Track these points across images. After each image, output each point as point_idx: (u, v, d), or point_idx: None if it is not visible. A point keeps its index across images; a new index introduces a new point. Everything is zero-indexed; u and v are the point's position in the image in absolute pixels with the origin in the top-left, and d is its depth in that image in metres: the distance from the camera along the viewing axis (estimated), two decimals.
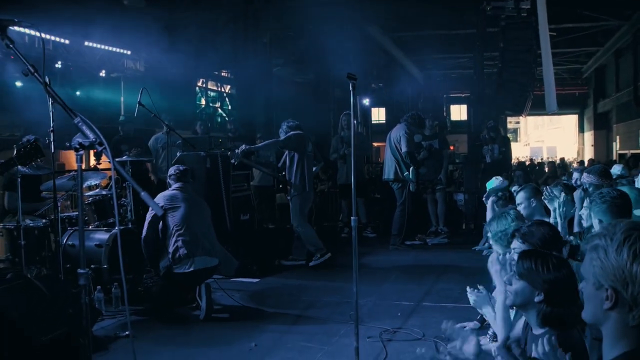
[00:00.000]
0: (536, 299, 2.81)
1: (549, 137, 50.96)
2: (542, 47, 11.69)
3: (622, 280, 1.62)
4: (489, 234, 4.28)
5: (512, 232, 3.62)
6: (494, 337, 4.73)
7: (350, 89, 4.36)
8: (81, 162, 2.65)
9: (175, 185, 6.21)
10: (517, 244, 3.50)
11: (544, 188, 5.27)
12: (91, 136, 2.60)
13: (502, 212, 4.28)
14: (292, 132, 8.23)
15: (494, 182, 6.41)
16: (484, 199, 6.38)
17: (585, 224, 4.34)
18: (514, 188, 6.40)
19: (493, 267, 4.06)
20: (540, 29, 11.49)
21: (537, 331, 2.85)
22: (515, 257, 3.34)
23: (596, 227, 3.91)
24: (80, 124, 2.63)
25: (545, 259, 2.86)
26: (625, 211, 3.91)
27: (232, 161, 7.93)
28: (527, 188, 5.46)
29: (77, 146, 2.62)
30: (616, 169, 7.07)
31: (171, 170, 6.36)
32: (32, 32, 9.47)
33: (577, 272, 3.72)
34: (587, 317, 1.77)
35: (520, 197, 5.36)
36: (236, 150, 7.85)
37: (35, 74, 2.87)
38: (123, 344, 4.93)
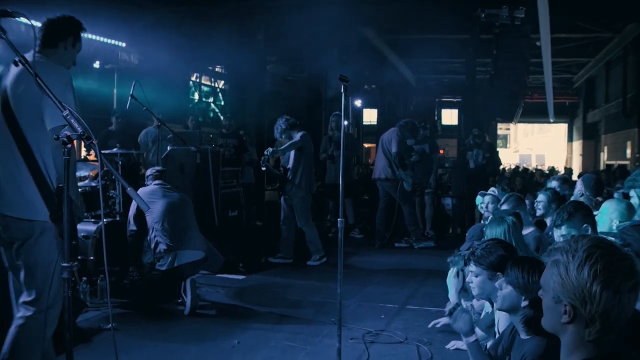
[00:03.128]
0: (522, 304, 2.86)
1: (538, 144, 51.20)
2: (544, 56, 11.74)
3: (581, 299, 1.66)
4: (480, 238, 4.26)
5: (467, 256, 3.53)
6: None
7: (342, 90, 4.38)
8: (68, 155, 2.64)
9: (154, 182, 6.23)
10: (472, 267, 3.42)
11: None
12: (79, 130, 2.60)
13: (499, 218, 4.24)
14: (303, 132, 8.26)
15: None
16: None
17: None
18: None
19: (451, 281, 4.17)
20: (542, 38, 11.52)
21: (524, 336, 2.88)
22: (472, 279, 3.40)
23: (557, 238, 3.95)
24: (69, 116, 2.63)
25: (533, 265, 2.90)
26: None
27: (263, 168, 8.03)
28: (511, 198, 5.47)
29: (65, 139, 2.62)
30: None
31: (148, 172, 6.40)
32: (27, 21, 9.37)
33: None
34: (545, 325, 1.82)
35: (505, 208, 5.36)
36: (265, 156, 7.88)
37: (27, 65, 2.86)
38: (106, 337, 4.91)
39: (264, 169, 8.04)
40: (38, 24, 3.47)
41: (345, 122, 5.16)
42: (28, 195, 3.17)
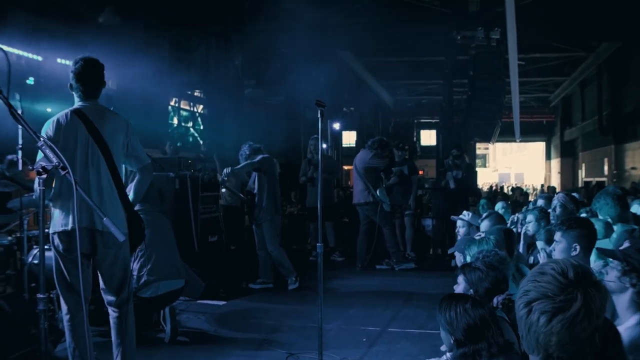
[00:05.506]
0: (451, 343, 2.91)
1: (516, 163, 51.70)
2: (511, 77, 11.89)
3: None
4: (467, 257, 4.28)
5: (462, 267, 3.61)
6: None
7: (319, 115, 4.40)
8: (44, 185, 2.62)
9: (136, 208, 6.11)
10: (460, 279, 3.51)
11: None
12: (54, 160, 2.59)
13: (484, 238, 4.29)
14: (264, 155, 8.23)
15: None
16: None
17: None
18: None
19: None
20: (510, 60, 11.68)
21: None
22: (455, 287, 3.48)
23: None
24: (43, 147, 2.61)
25: (450, 302, 2.96)
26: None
27: (223, 190, 7.95)
28: (492, 216, 5.50)
29: (40, 170, 2.60)
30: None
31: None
32: (5, 48, 9.36)
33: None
34: None
35: (484, 226, 5.38)
36: (224, 176, 7.80)
37: (0, 95, 2.84)
38: None
39: (223, 190, 8.02)
40: (20, 52, 3.51)
41: (324, 145, 5.18)
42: (121, 215, 4.06)
